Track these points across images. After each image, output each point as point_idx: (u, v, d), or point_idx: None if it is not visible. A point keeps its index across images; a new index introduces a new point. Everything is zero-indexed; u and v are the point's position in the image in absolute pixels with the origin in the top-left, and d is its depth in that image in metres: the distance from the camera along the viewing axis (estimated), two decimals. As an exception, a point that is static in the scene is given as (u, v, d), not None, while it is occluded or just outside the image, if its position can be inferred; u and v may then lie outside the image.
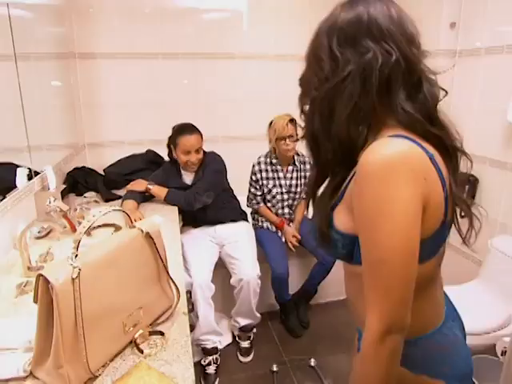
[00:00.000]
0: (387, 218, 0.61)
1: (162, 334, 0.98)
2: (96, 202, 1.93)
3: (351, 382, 0.90)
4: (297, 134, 2.21)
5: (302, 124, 0.79)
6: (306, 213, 2.43)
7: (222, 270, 2.16)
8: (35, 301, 0.77)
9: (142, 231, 0.99)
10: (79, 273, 0.79)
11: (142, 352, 0.91)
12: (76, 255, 0.81)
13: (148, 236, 1.00)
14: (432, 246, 0.69)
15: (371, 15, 0.68)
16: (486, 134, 2.22)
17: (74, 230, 1.49)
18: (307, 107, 0.77)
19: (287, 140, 2.17)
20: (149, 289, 1.01)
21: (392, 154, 0.62)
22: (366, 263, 0.66)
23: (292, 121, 2.18)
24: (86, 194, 2.01)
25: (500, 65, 2.11)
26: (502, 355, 1.57)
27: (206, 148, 2.11)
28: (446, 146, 0.70)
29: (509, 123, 2.02)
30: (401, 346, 0.66)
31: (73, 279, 0.78)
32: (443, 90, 0.73)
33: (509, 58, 2.00)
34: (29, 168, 1.62)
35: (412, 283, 0.64)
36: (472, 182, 2.31)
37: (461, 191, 0.71)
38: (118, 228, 1.53)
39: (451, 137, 0.71)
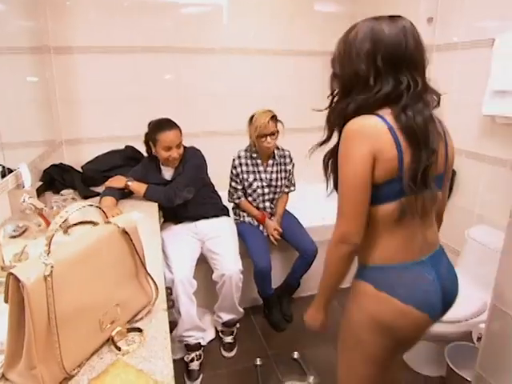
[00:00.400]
0: (345, 165, 0.98)
1: (140, 330, 0.97)
2: (73, 199, 1.89)
3: None
4: (277, 131, 2.21)
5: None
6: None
7: (203, 265, 2.15)
8: (6, 300, 0.75)
9: (117, 227, 0.97)
10: (52, 270, 0.77)
11: (119, 349, 0.90)
12: (48, 252, 0.79)
13: (124, 232, 0.98)
14: (387, 192, 0.98)
15: (410, 45, 0.97)
16: (463, 127, 2.26)
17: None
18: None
19: (268, 138, 2.17)
20: (126, 285, 1.00)
21: (355, 124, 0.97)
22: (338, 193, 1.02)
23: (273, 117, 2.17)
24: (62, 192, 1.97)
25: (476, 59, 2.14)
26: (477, 341, 1.62)
27: (186, 143, 2.09)
28: (418, 138, 0.96)
29: (484, 116, 2.07)
30: (348, 254, 1.02)
31: (45, 277, 0.76)
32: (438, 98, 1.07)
33: (484, 52, 2.03)
34: (1, 165, 1.58)
35: (360, 208, 0.97)
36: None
37: (427, 162, 0.96)
38: (96, 225, 1.50)
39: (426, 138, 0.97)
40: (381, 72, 0.97)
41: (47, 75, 2.34)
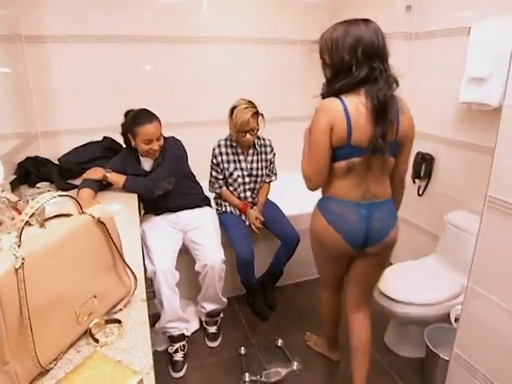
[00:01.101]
0: (312, 131, 1.38)
1: (118, 322, 0.96)
2: (50, 192, 1.85)
3: None
4: (258, 125, 2.19)
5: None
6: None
7: (186, 256, 2.13)
8: (-25, 295, 0.73)
9: (93, 217, 0.95)
10: (23, 262, 0.75)
11: (97, 342, 0.89)
12: (19, 245, 0.77)
13: (100, 222, 0.96)
14: (341, 153, 1.38)
15: (380, 42, 1.31)
16: (441, 114, 2.30)
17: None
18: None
19: (247, 134, 2.15)
20: (103, 276, 0.98)
21: (323, 105, 1.37)
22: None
23: (254, 114, 2.13)
24: (38, 185, 1.92)
25: (453, 47, 2.16)
26: (455, 322, 1.67)
27: (166, 133, 2.05)
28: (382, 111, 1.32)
29: (460, 103, 2.09)
30: (310, 187, 1.47)
31: (16, 270, 0.74)
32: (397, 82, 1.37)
33: (461, 40, 2.05)
34: (-28, 158, 1.52)
35: (320, 161, 1.38)
36: (428, 161, 2.40)
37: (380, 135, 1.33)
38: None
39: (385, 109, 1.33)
40: (360, 61, 1.30)
41: (20, 65, 2.26)
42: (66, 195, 0.91)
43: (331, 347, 2.00)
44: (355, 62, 1.29)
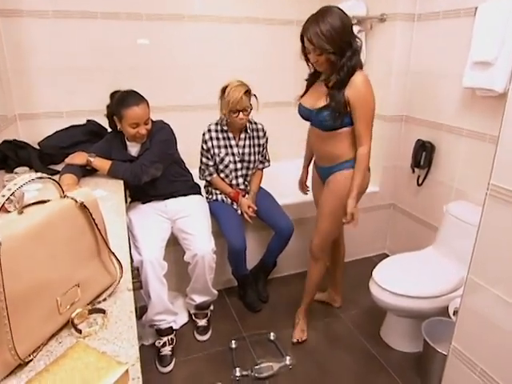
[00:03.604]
0: (373, 102, 1.69)
1: (103, 312, 0.89)
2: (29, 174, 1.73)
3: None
4: (251, 106, 2.10)
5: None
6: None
7: (174, 247, 2.05)
8: None
9: (75, 201, 0.87)
10: None
11: (80, 332, 0.83)
12: None
13: (83, 207, 0.88)
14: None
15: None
16: (442, 99, 2.24)
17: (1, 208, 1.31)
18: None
19: (241, 113, 2.06)
20: (86, 264, 0.91)
21: (367, 78, 1.66)
22: (360, 123, 1.68)
23: (247, 92, 2.05)
24: (16, 170, 1.80)
25: (457, 29, 2.10)
26: (453, 315, 1.62)
27: (154, 117, 1.94)
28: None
29: (464, 88, 2.03)
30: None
31: None
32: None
33: (466, 21, 1.99)
34: None
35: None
36: (428, 149, 2.34)
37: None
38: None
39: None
40: (355, 39, 1.61)
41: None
42: (48, 177, 0.84)
43: (333, 293, 2.31)
44: (353, 39, 1.59)
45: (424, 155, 2.35)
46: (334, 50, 1.55)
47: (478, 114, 2.05)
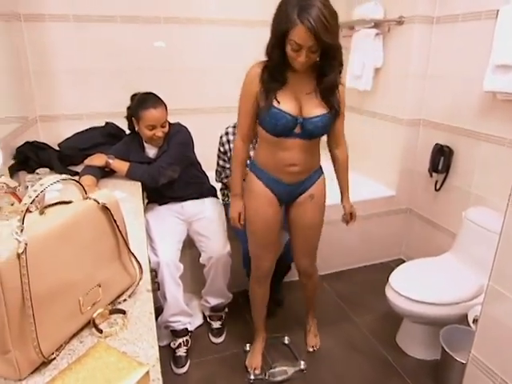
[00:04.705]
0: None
1: (123, 312, 0.90)
2: (54, 175, 1.76)
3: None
4: None
5: None
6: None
7: (190, 249, 2.06)
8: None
9: (97, 203, 0.89)
10: (26, 247, 0.70)
11: (101, 332, 0.84)
12: (22, 229, 0.71)
13: (105, 208, 0.90)
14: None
15: None
16: (462, 103, 2.20)
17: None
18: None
19: None
20: (108, 265, 0.92)
21: None
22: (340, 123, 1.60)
23: None
24: (38, 171, 1.83)
25: (478, 32, 2.06)
26: (473, 323, 1.59)
27: (172, 120, 1.96)
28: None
29: (484, 92, 1.99)
30: None
31: (18, 255, 0.69)
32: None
33: (487, 24, 1.96)
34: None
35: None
36: (447, 153, 2.30)
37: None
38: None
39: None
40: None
41: (18, 45, 2.17)
42: (71, 179, 0.85)
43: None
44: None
45: (442, 160, 2.31)
46: (336, 42, 1.31)
47: (498, 118, 2.01)
